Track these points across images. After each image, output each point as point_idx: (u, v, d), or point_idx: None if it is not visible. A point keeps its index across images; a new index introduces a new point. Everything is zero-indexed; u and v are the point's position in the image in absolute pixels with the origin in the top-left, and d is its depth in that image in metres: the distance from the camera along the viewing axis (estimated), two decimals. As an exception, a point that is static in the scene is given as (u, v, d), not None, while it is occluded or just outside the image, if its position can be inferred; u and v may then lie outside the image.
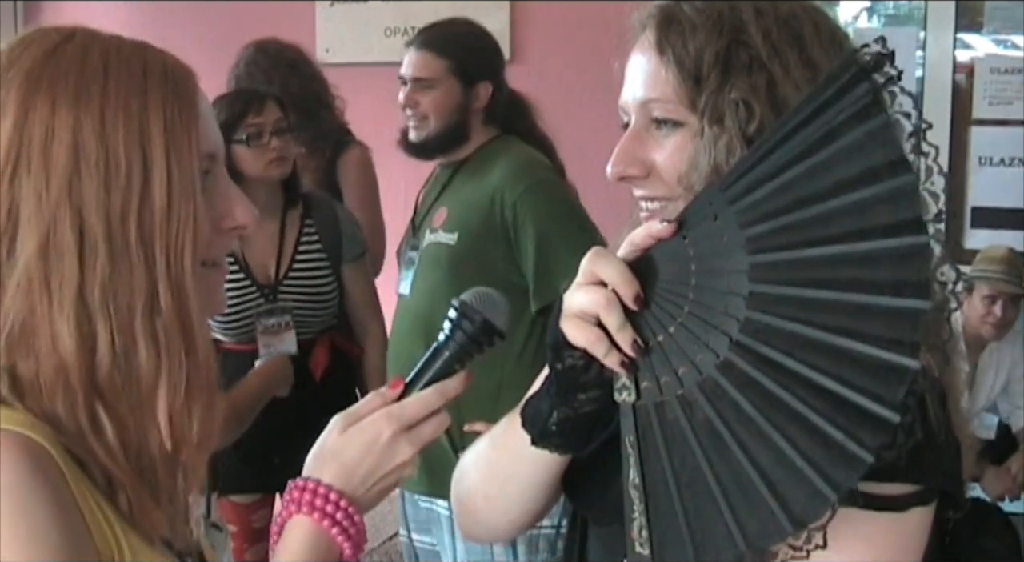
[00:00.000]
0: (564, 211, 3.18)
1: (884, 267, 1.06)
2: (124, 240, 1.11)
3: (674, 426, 1.14)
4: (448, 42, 3.30)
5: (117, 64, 1.14)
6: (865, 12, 5.21)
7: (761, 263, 1.10)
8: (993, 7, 4.93)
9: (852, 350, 1.07)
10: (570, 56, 4.98)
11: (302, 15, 5.28)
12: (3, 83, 1.12)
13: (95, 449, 1.11)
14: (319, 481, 1.25)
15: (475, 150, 3.29)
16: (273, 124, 3.44)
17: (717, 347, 1.11)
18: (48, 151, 1.09)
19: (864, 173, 1.07)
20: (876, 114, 1.08)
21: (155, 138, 1.12)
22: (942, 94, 4.78)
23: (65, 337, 1.09)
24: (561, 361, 1.20)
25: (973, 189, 4.90)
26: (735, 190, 1.12)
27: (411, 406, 1.29)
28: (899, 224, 1.06)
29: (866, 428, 1.06)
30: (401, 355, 3.30)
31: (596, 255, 1.17)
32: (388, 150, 5.14)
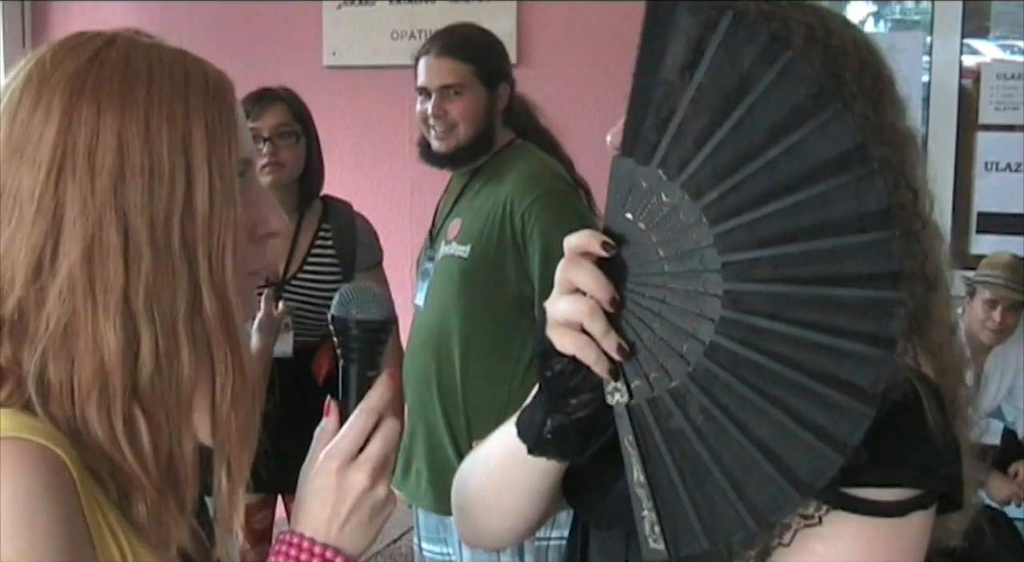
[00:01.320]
0: (572, 222, 3.13)
1: (841, 204, 1.07)
2: (167, 244, 1.12)
3: (669, 420, 1.14)
4: (467, 46, 3.28)
5: (160, 70, 1.15)
6: (871, 17, 5.21)
7: (725, 231, 1.10)
8: (1000, 12, 4.93)
9: (835, 296, 1.07)
10: (577, 59, 4.98)
11: (309, 18, 5.28)
12: (47, 87, 1.12)
13: (125, 455, 1.11)
14: (294, 532, 1.26)
15: (491, 156, 3.27)
16: (271, 129, 3.46)
17: (702, 334, 1.11)
18: (93, 155, 1.10)
19: (792, 112, 1.08)
20: (781, 52, 1.09)
21: (197, 144, 1.13)
22: (948, 99, 4.78)
23: (109, 340, 1.10)
24: (549, 368, 1.20)
25: (979, 194, 4.89)
26: (669, 162, 1.12)
27: (345, 438, 1.28)
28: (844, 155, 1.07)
29: (865, 374, 1.07)
30: (415, 366, 3.30)
31: (568, 262, 1.16)
32: (394, 153, 5.17)
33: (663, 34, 1.12)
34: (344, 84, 5.19)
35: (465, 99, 3.22)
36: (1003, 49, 4.99)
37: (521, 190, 3.15)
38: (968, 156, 4.88)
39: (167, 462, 1.15)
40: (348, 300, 1.34)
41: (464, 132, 3.22)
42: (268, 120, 3.46)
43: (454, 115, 3.21)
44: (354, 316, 1.33)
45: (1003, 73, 4.88)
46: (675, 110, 1.11)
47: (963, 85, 4.87)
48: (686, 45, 1.11)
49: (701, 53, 1.10)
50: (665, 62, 1.12)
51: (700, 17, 1.10)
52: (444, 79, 3.22)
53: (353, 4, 5.23)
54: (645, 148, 1.13)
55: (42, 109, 1.11)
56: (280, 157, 3.47)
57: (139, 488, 1.12)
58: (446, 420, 3.22)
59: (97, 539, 1.09)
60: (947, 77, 4.81)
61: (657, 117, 1.12)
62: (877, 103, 1.23)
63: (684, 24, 1.11)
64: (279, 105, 3.51)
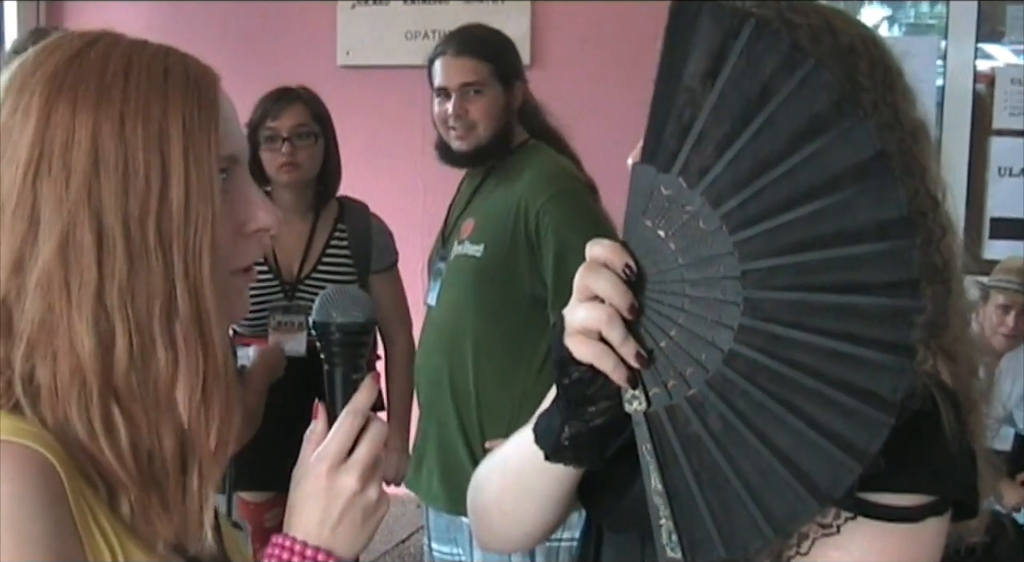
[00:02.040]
0: (585, 222, 3.13)
1: (861, 212, 1.07)
2: (142, 242, 1.12)
3: (687, 428, 1.14)
4: (484, 45, 3.28)
5: (138, 68, 1.15)
6: (886, 21, 5.21)
7: (744, 239, 1.10)
8: (1014, 16, 4.92)
9: (855, 304, 1.07)
10: (591, 60, 4.98)
11: (323, 17, 5.29)
12: (27, 87, 1.13)
13: (104, 453, 1.11)
14: (286, 536, 1.26)
15: (504, 157, 3.27)
16: (289, 129, 3.45)
17: (720, 342, 1.11)
18: (68, 154, 1.10)
19: (812, 120, 1.07)
20: (802, 60, 1.08)
21: (174, 141, 1.13)
22: (962, 104, 4.77)
23: (83, 337, 1.10)
24: (567, 376, 1.20)
25: (992, 199, 4.88)
26: (690, 170, 1.11)
27: (332, 441, 1.28)
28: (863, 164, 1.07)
29: (884, 382, 1.06)
30: (427, 366, 3.31)
31: (587, 270, 1.17)
32: (407, 152, 5.18)
33: (685, 41, 1.12)
34: (358, 84, 5.19)
35: (485, 98, 3.21)
36: (1017, 54, 4.98)
37: (535, 190, 3.15)
38: (981, 161, 4.88)
39: (147, 459, 1.14)
40: (328, 304, 1.33)
41: (484, 131, 3.21)
42: (287, 120, 3.46)
43: (474, 114, 3.21)
44: (335, 320, 1.32)
45: (1017, 78, 4.87)
46: (696, 117, 1.11)
47: (977, 90, 4.86)
48: (708, 52, 1.10)
49: (723, 60, 1.10)
50: (687, 69, 1.12)
51: (722, 24, 1.10)
52: (465, 77, 3.21)
53: (367, 4, 5.24)
54: (666, 155, 1.13)
55: (22, 110, 1.12)
56: (298, 157, 3.47)
57: (121, 486, 1.13)
58: (459, 419, 3.23)
59: (87, 541, 1.09)
60: (961, 81, 4.81)
61: (678, 124, 1.12)
62: (889, 95, 1.23)
63: (706, 31, 1.11)
64: (298, 105, 3.50)
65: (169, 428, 1.15)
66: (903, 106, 1.25)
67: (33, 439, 1.07)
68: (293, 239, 3.52)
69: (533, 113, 3.37)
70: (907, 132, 1.23)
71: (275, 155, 3.45)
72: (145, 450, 1.14)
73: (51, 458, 1.07)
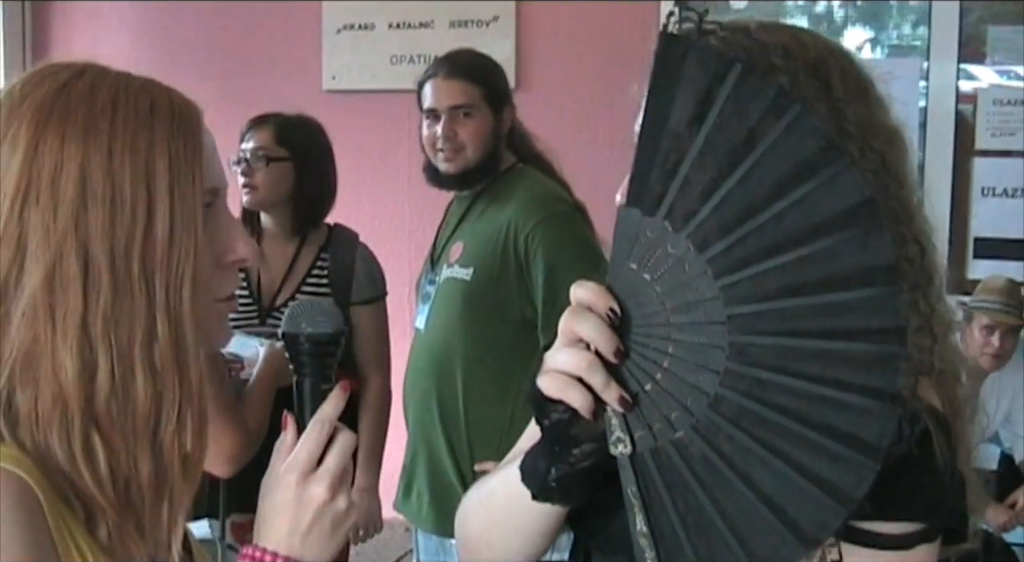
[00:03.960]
0: (575, 245, 3.16)
1: (847, 258, 1.07)
2: (127, 272, 1.13)
3: (672, 470, 1.14)
4: (474, 68, 3.30)
5: (125, 100, 1.16)
6: (868, 43, 5.24)
7: (730, 284, 1.10)
8: (996, 38, 4.95)
9: (840, 350, 1.07)
10: (576, 84, 5.00)
11: (309, 42, 5.30)
12: (15, 117, 1.14)
13: (84, 478, 1.13)
14: (255, 546, 1.27)
15: (493, 180, 3.28)
16: (250, 151, 3.44)
17: (706, 386, 1.11)
18: (56, 184, 1.12)
19: (799, 165, 1.08)
20: (788, 106, 1.09)
21: (160, 174, 1.15)
22: (945, 125, 4.79)
23: (67, 365, 1.12)
24: (547, 417, 1.20)
25: (976, 219, 4.90)
26: (675, 214, 1.12)
27: (301, 450, 1.29)
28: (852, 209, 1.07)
29: (870, 427, 1.06)
30: (416, 389, 3.31)
31: (572, 313, 1.17)
32: (393, 176, 5.19)
33: (670, 84, 1.12)
34: (343, 108, 5.20)
35: (474, 121, 3.22)
36: (1000, 74, 5.00)
37: (524, 213, 3.16)
38: (965, 181, 4.90)
39: (124, 486, 1.16)
40: (298, 315, 1.35)
41: (472, 154, 3.22)
42: (252, 142, 3.45)
43: (463, 137, 3.22)
44: (304, 331, 1.34)
45: (1000, 99, 4.90)
46: (682, 161, 1.11)
47: (960, 110, 4.89)
48: (694, 96, 1.11)
49: (709, 105, 1.10)
50: (672, 113, 1.12)
51: (708, 68, 1.10)
52: (455, 100, 3.23)
53: (353, 29, 5.25)
54: (651, 199, 1.13)
55: (9, 140, 1.13)
56: (254, 180, 3.43)
57: (100, 510, 1.14)
58: (448, 442, 3.23)
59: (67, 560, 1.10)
60: (944, 102, 4.83)
61: (663, 168, 1.12)
62: (863, 105, 1.24)
63: (692, 75, 1.11)
64: (265, 129, 3.47)
65: (146, 455, 1.16)
66: (878, 114, 1.26)
67: (12, 462, 1.09)
68: (280, 263, 3.50)
69: (521, 138, 3.38)
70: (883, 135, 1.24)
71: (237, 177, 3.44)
72: (123, 476, 1.16)
73: (29, 481, 1.08)
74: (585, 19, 4.96)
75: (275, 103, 3.70)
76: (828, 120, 1.22)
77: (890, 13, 5.27)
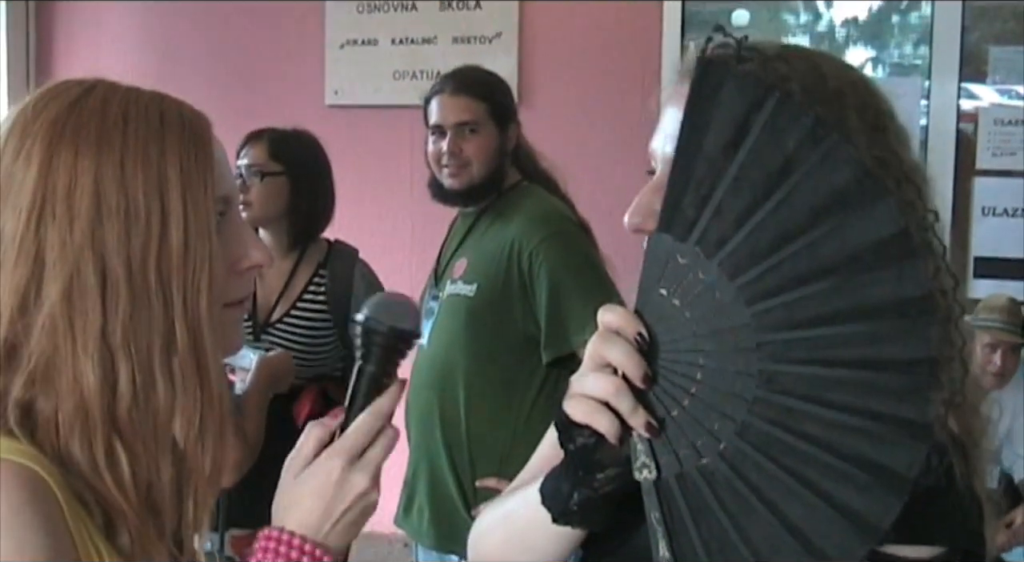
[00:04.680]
0: (579, 263, 3.17)
1: (882, 288, 1.06)
2: (144, 282, 1.15)
3: (697, 497, 1.13)
4: (481, 85, 3.30)
5: (136, 113, 1.18)
6: (870, 62, 5.25)
7: (761, 311, 1.09)
8: (997, 58, 4.96)
9: (872, 380, 1.06)
10: (578, 101, 5.01)
11: (312, 57, 5.31)
12: (29, 134, 1.16)
13: (106, 484, 1.14)
14: (282, 529, 1.27)
15: (498, 197, 3.29)
16: (246, 167, 3.44)
17: (734, 413, 1.10)
18: (71, 198, 1.14)
19: (834, 194, 1.07)
20: (826, 135, 1.08)
21: (172, 183, 1.17)
22: (946, 144, 4.80)
23: (88, 375, 1.13)
24: (572, 441, 1.19)
25: (976, 239, 4.91)
26: (707, 240, 1.11)
27: (351, 437, 1.29)
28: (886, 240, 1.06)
29: (899, 458, 1.06)
30: (418, 405, 3.30)
31: (600, 338, 1.16)
32: (395, 191, 5.19)
33: (707, 110, 1.12)
34: (346, 123, 5.21)
35: (480, 137, 3.23)
36: (1001, 94, 5.01)
37: (528, 230, 3.16)
38: (965, 200, 4.90)
39: (147, 490, 1.17)
40: (381, 305, 1.34)
41: (477, 170, 3.23)
42: (244, 159, 3.45)
43: (468, 153, 3.22)
44: (386, 321, 1.32)
45: (1000, 119, 4.91)
46: (716, 188, 1.11)
47: (961, 129, 4.90)
48: (730, 123, 1.10)
49: (745, 132, 1.10)
50: (707, 138, 1.11)
51: (746, 96, 1.10)
52: (460, 116, 3.23)
53: (356, 44, 5.27)
54: (683, 224, 1.12)
55: (24, 156, 1.15)
56: (249, 195, 3.42)
57: (121, 516, 1.15)
58: (450, 458, 3.23)
59: (85, 558, 1.11)
60: (945, 122, 4.84)
61: (697, 194, 1.12)
62: (883, 138, 1.24)
63: (729, 102, 1.11)
64: (259, 145, 3.47)
65: (167, 460, 1.18)
66: (897, 149, 1.26)
67: (30, 459, 1.10)
68: (276, 279, 3.50)
69: (527, 155, 3.39)
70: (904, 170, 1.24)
71: None
72: (145, 482, 1.17)
73: (47, 478, 1.10)
74: (587, 36, 4.97)
75: (277, 117, 3.71)
76: None
77: (892, 32, 5.29)
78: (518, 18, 5.06)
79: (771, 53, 1.25)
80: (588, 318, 3.00)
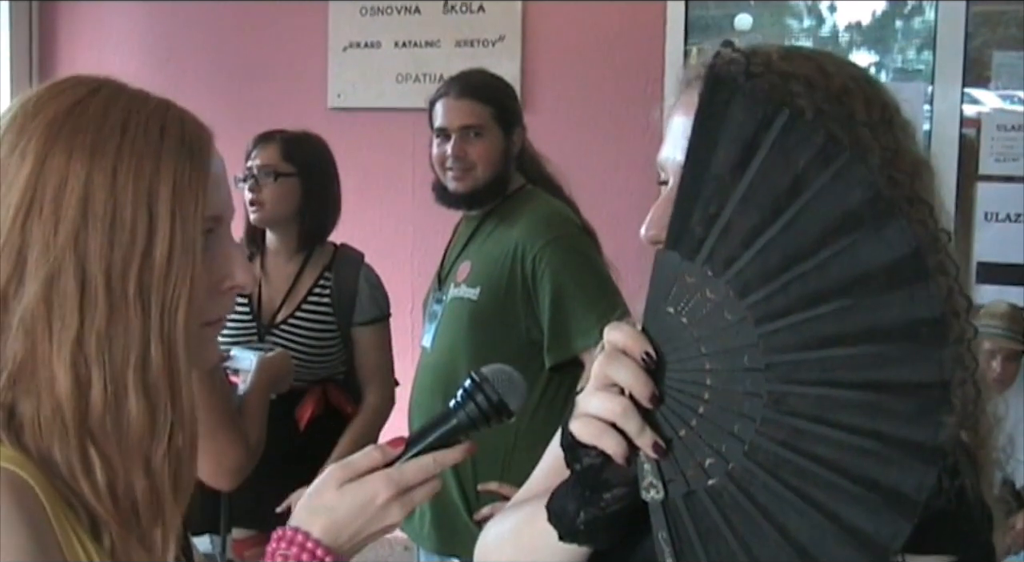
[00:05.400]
0: (583, 267, 3.16)
1: (893, 310, 1.05)
2: (123, 294, 1.15)
3: (705, 517, 1.12)
4: (486, 89, 3.30)
5: (136, 123, 1.18)
6: (873, 67, 5.25)
7: (770, 331, 1.08)
8: (1000, 63, 4.96)
9: (881, 402, 1.05)
10: (581, 105, 5.01)
11: (315, 59, 5.32)
12: (27, 130, 1.16)
13: (83, 490, 1.15)
14: (308, 534, 1.28)
15: (502, 201, 3.29)
16: (257, 168, 3.45)
17: (742, 433, 1.10)
18: (59, 199, 1.14)
19: (845, 215, 1.06)
20: (837, 154, 1.07)
21: (162, 199, 1.16)
22: (949, 149, 4.80)
23: (61, 378, 1.14)
24: (578, 461, 1.19)
25: (979, 244, 4.91)
26: (715, 259, 1.10)
27: (410, 471, 1.30)
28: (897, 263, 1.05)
29: (909, 481, 1.04)
30: (421, 407, 3.31)
31: (607, 357, 1.15)
32: (397, 194, 5.20)
33: (715, 128, 1.10)
34: (349, 126, 5.21)
35: (484, 141, 3.23)
36: (1003, 99, 5.01)
37: (532, 234, 3.16)
38: (968, 206, 4.90)
39: (124, 499, 1.17)
40: (504, 377, 1.36)
41: (482, 173, 3.23)
42: (259, 159, 3.46)
43: (473, 156, 3.22)
44: (501, 391, 1.34)
45: (1003, 124, 4.91)
46: (724, 206, 1.10)
47: (964, 135, 4.90)
48: (739, 141, 1.09)
49: (754, 150, 1.08)
50: (716, 156, 1.10)
51: (755, 113, 1.09)
52: (465, 120, 3.23)
53: (359, 47, 5.27)
54: (691, 243, 1.11)
55: (19, 151, 1.15)
56: (261, 196, 3.44)
57: (102, 519, 1.16)
58: (452, 462, 3.22)
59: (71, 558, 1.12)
60: (948, 127, 4.84)
61: (705, 212, 1.11)
62: (889, 132, 1.23)
63: (738, 119, 1.09)
64: (272, 145, 3.48)
65: (140, 473, 1.18)
66: (904, 142, 1.25)
67: (14, 463, 1.11)
68: (281, 280, 3.51)
69: (531, 159, 3.39)
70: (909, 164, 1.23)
71: (244, 194, 3.45)
72: (120, 490, 1.17)
73: (30, 481, 1.10)
74: (591, 40, 4.97)
75: (281, 120, 3.72)
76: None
77: (895, 37, 5.28)
78: (521, 21, 5.06)
79: (774, 54, 1.25)
80: (591, 323, 3.03)
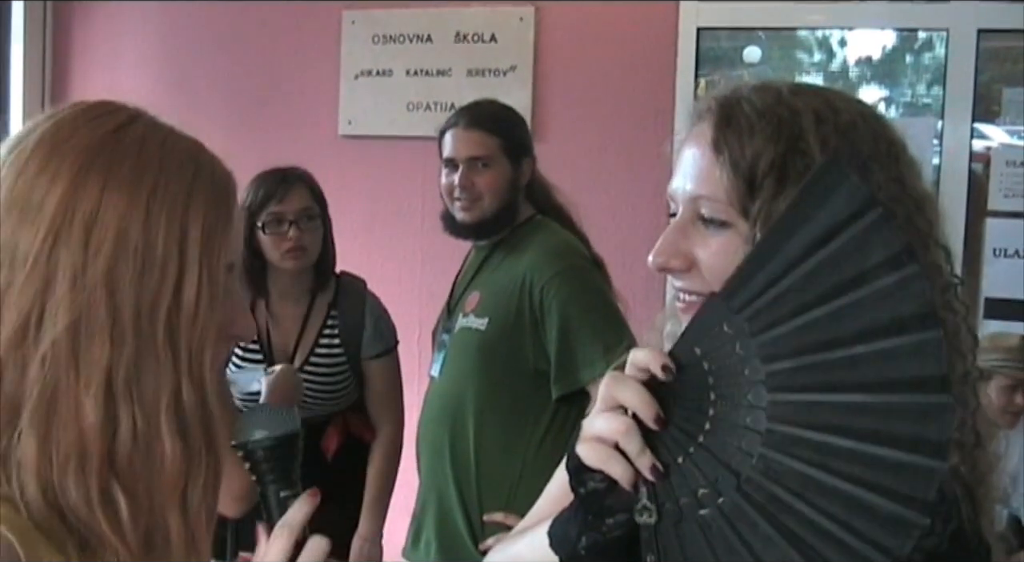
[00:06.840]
0: (591, 299, 3.18)
1: (906, 421, 1.06)
2: (151, 332, 1.15)
3: (695, 546, 1.14)
4: (495, 120, 3.32)
5: (172, 161, 1.18)
6: (883, 102, 5.26)
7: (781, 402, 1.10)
8: (1011, 99, 4.97)
9: (864, 500, 1.06)
10: (593, 135, 5.02)
11: (326, 88, 5.33)
12: (59, 153, 1.15)
13: (100, 524, 1.13)
14: None
15: (511, 231, 3.30)
16: (295, 213, 3.41)
17: (738, 466, 1.11)
18: (91, 230, 1.13)
19: (895, 321, 1.07)
20: (908, 262, 1.08)
21: (193, 240, 1.16)
22: (958, 184, 4.79)
23: (89, 413, 1.12)
24: (583, 485, 1.20)
25: (987, 280, 4.90)
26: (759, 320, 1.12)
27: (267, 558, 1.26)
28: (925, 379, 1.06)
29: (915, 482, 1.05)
30: (429, 437, 3.32)
31: (614, 379, 1.17)
32: (407, 222, 5.20)
33: (813, 206, 1.11)
34: (359, 153, 5.22)
35: (492, 172, 3.25)
36: (1012, 135, 5.02)
37: (540, 265, 3.17)
38: (977, 242, 4.90)
39: (147, 534, 1.16)
40: (245, 425, 1.33)
41: (489, 204, 3.25)
42: (294, 203, 3.43)
43: (480, 187, 3.24)
44: (252, 438, 1.32)
45: (1012, 160, 4.90)
46: (787, 274, 1.11)
47: (973, 170, 4.90)
48: (827, 223, 1.10)
49: (835, 234, 1.10)
50: (803, 230, 1.11)
51: (852, 202, 1.10)
52: (472, 151, 3.25)
53: (371, 75, 5.28)
54: (743, 298, 1.13)
55: (49, 173, 1.14)
56: (304, 241, 3.43)
57: (112, 552, 1.14)
58: (458, 491, 3.23)
59: None
60: (958, 162, 4.84)
61: (769, 275, 1.12)
62: (895, 168, 1.24)
63: (835, 206, 1.10)
64: (302, 187, 3.47)
65: (176, 511, 1.17)
66: (909, 179, 1.26)
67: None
68: (290, 324, 3.50)
69: (542, 189, 3.40)
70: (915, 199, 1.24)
71: (280, 239, 3.40)
72: (147, 526, 1.16)
73: (11, 538, 1.08)
74: (603, 70, 4.98)
75: (292, 147, 3.74)
76: None
77: (905, 72, 5.29)
78: (533, 51, 5.07)
79: (784, 90, 1.26)
80: (598, 355, 3.04)
